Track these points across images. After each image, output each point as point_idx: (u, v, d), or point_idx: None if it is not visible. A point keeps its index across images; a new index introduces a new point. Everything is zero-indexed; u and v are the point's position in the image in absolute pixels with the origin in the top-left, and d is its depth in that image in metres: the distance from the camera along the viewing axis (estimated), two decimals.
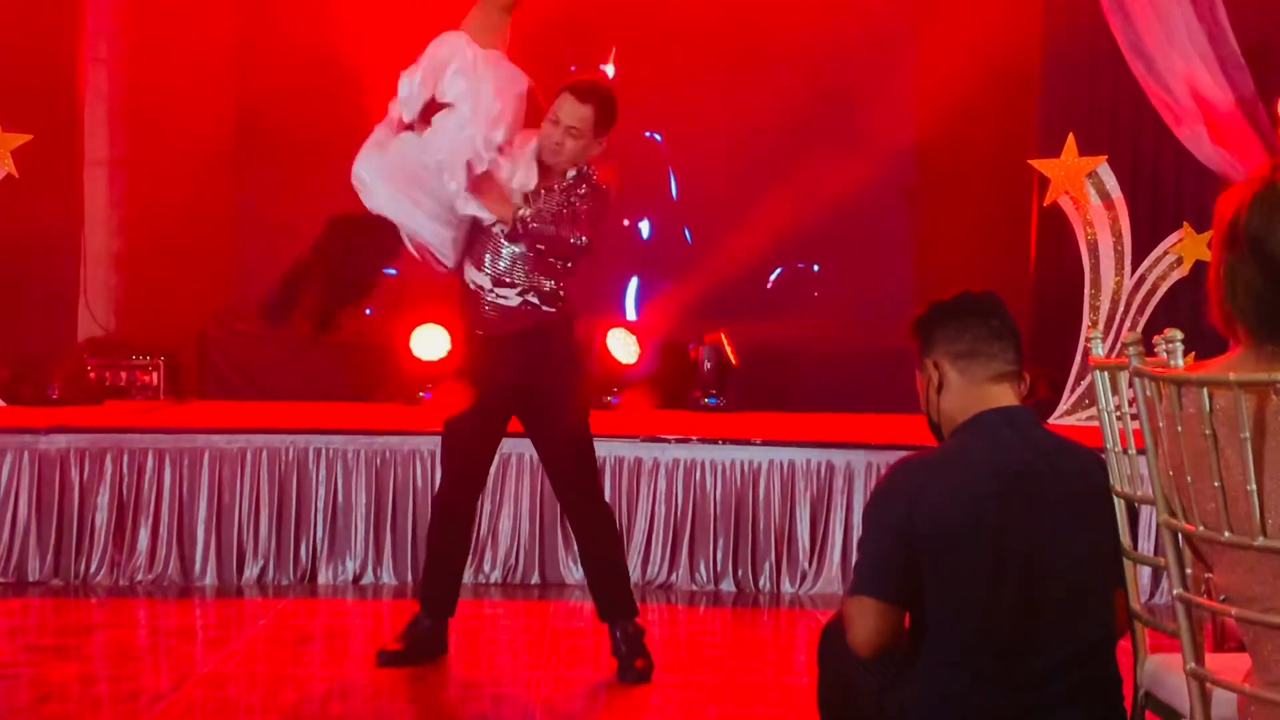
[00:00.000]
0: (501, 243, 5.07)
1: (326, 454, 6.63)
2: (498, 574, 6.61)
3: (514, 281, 5.08)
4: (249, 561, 6.56)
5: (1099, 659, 3.08)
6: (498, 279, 5.09)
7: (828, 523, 6.61)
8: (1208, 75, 7.59)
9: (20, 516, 6.47)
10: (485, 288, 5.10)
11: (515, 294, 5.08)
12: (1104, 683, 3.08)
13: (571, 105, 5.00)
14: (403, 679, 5.09)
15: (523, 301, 5.09)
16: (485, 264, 5.10)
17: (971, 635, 3.03)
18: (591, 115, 5.01)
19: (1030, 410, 3.25)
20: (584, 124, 5.01)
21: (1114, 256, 7.66)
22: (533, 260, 5.06)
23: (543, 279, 5.09)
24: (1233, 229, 2.40)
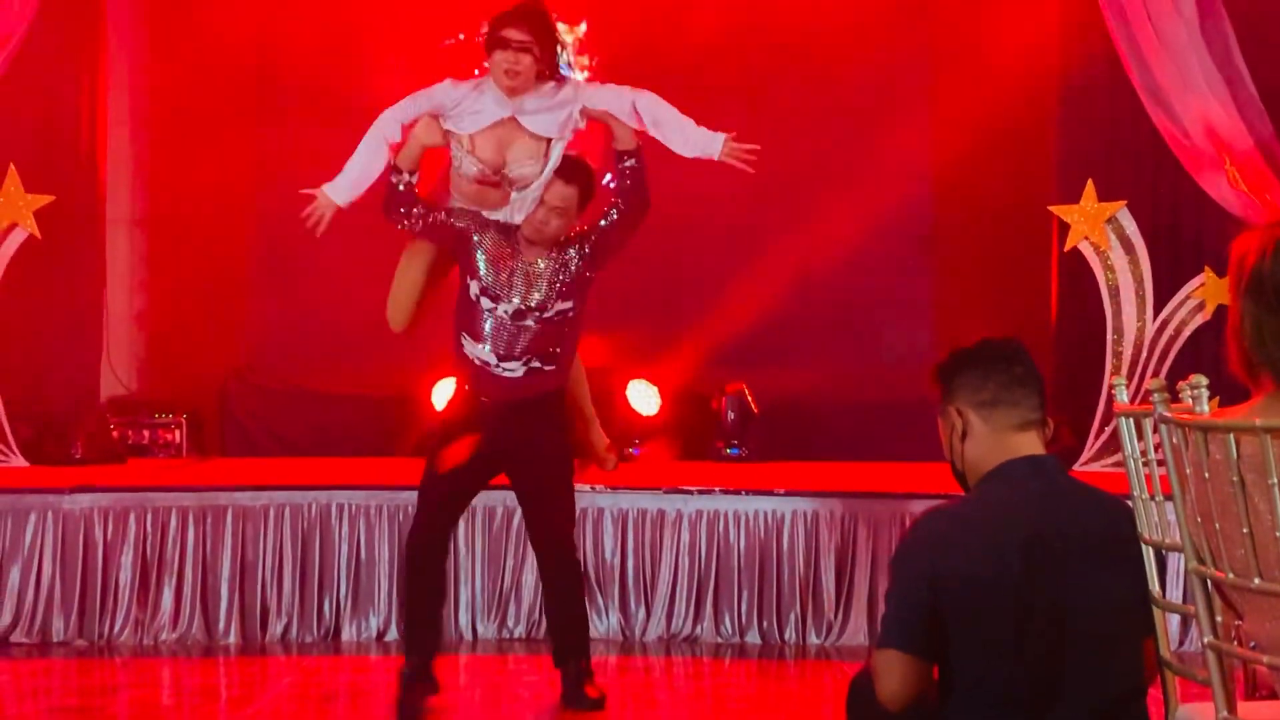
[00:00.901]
0: (505, 320, 5.17)
1: (349, 509, 6.63)
2: (521, 629, 6.58)
3: (519, 355, 5.20)
4: (273, 619, 6.55)
5: (1129, 709, 3.05)
6: (503, 355, 5.20)
7: (853, 573, 6.57)
8: (1225, 118, 7.59)
9: (44, 577, 6.48)
10: (491, 363, 5.21)
11: (520, 365, 5.21)
12: None
13: (558, 186, 5.13)
14: None
15: (527, 370, 5.22)
16: (486, 338, 5.20)
17: (1000, 687, 3.01)
18: (577, 195, 5.16)
19: (1056, 458, 3.24)
20: (569, 203, 5.15)
21: (1136, 301, 7.64)
22: (537, 334, 5.19)
23: (546, 346, 5.22)
24: (1257, 278, 2.39)
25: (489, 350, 5.20)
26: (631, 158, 5.26)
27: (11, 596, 6.46)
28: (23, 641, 6.40)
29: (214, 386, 8.74)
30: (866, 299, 8.99)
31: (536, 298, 5.18)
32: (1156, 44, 7.62)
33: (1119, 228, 7.67)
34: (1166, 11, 7.64)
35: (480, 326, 5.21)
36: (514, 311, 5.17)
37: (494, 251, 5.20)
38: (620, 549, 6.62)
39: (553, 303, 5.19)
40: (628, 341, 8.61)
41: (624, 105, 5.29)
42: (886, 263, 8.98)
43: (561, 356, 5.28)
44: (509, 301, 5.18)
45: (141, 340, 9.18)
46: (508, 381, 5.21)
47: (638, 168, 5.27)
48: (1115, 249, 7.66)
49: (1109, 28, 7.65)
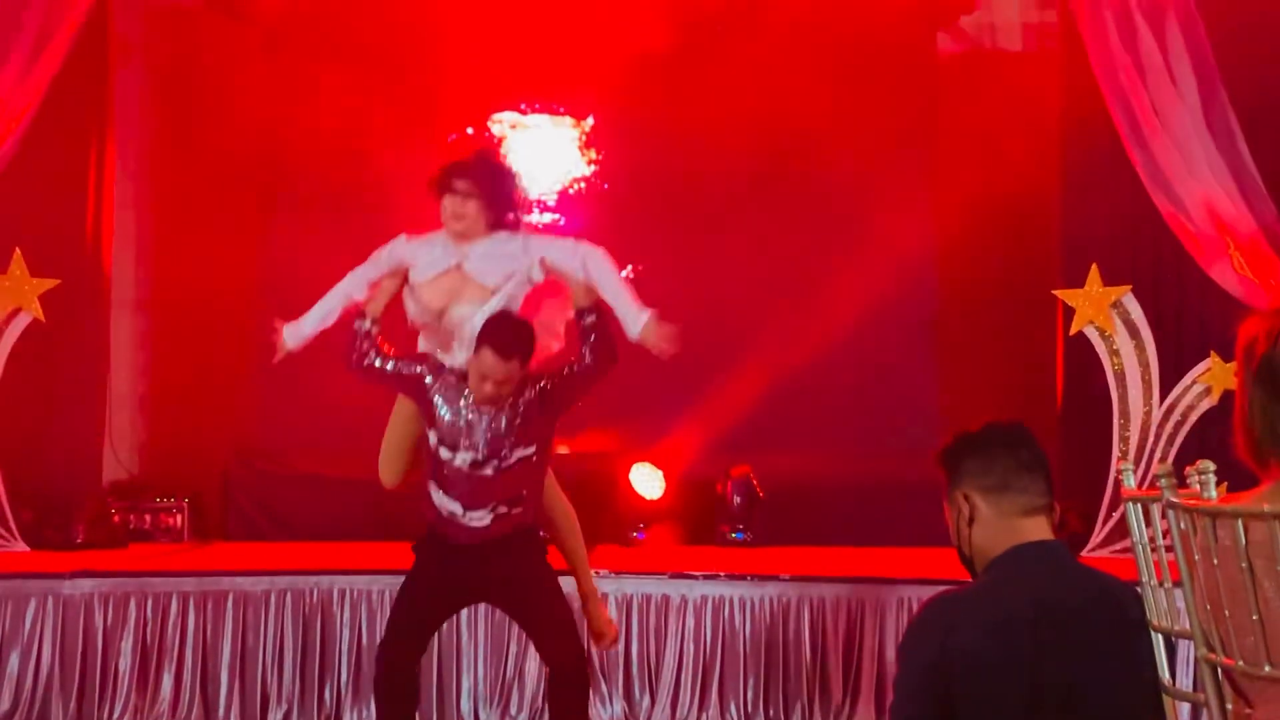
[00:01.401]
0: (463, 470, 5.12)
1: (351, 595, 6.61)
2: (524, 716, 6.54)
3: (485, 503, 5.15)
4: (273, 706, 6.52)
5: None
6: (469, 505, 5.15)
7: (860, 660, 6.54)
8: (1229, 202, 7.63)
9: (44, 662, 6.46)
10: (458, 513, 5.16)
11: (488, 513, 5.16)
12: None
13: (493, 361, 4.98)
14: None
15: (495, 517, 5.17)
16: (448, 488, 5.16)
17: None
18: (517, 367, 5.04)
19: (1064, 544, 3.23)
20: (511, 374, 5.02)
21: (1142, 386, 7.64)
22: (498, 483, 5.14)
23: (510, 492, 5.17)
24: (1267, 367, 2.40)
25: (454, 500, 5.15)
26: (590, 314, 5.17)
27: (11, 682, 6.44)
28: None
29: (216, 470, 8.74)
30: (871, 383, 8.99)
31: (494, 448, 5.10)
32: (1159, 128, 7.67)
33: (1124, 312, 7.69)
34: (1169, 96, 7.71)
35: (442, 476, 5.16)
36: (471, 462, 5.09)
37: (449, 400, 5.13)
38: (624, 635, 6.59)
39: (511, 451, 5.11)
40: (632, 426, 8.62)
41: (575, 262, 5.25)
42: (890, 347, 9.00)
43: (529, 499, 5.22)
44: (465, 452, 5.10)
45: (144, 424, 9.18)
46: (476, 530, 5.17)
47: (598, 324, 5.16)
48: (1120, 333, 7.68)
49: (1111, 112, 7.71)
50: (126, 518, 8.18)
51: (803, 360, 8.70)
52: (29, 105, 7.66)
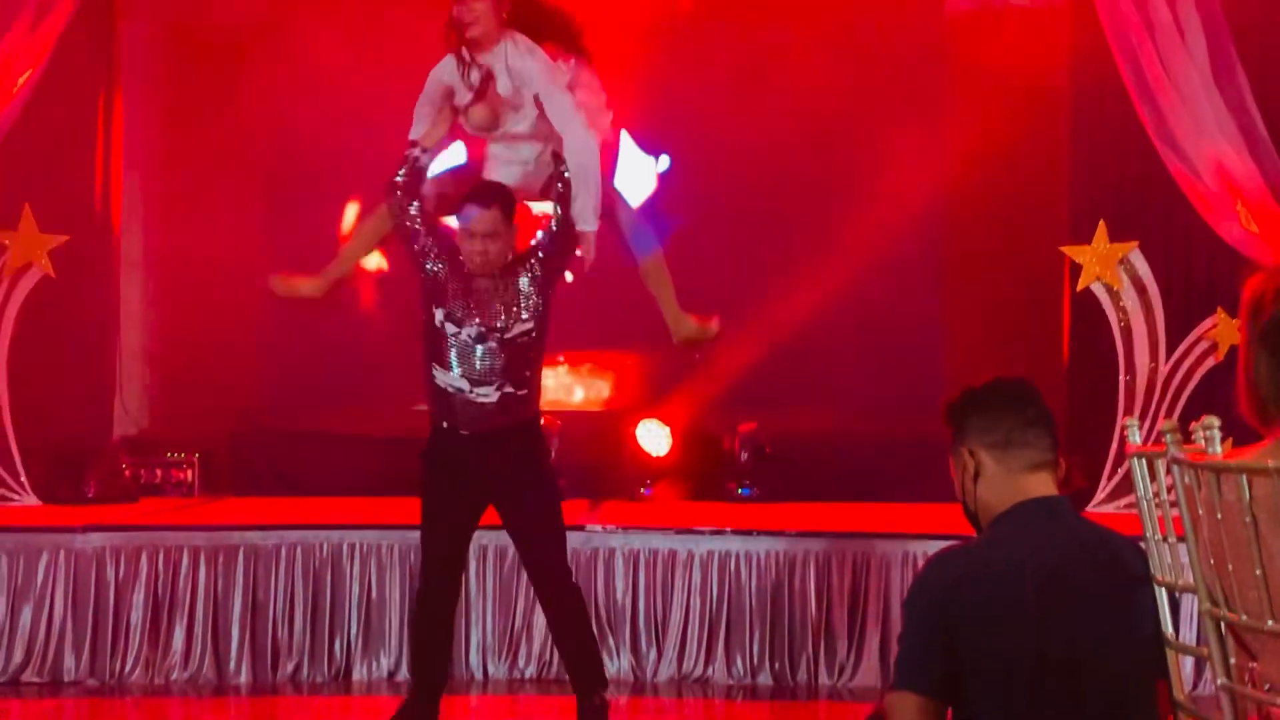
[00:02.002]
0: (469, 344, 5.23)
1: (360, 549, 6.64)
2: (532, 669, 6.58)
3: (490, 379, 5.23)
4: (283, 659, 6.55)
5: None
6: (475, 380, 5.24)
7: (865, 614, 6.56)
8: (1238, 161, 7.60)
9: (56, 616, 6.50)
10: (465, 389, 5.24)
11: (494, 390, 5.24)
12: None
13: (479, 214, 5.19)
14: None
15: (501, 396, 5.24)
16: (454, 365, 5.26)
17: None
18: (499, 214, 5.21)
19: (1068, 500, 3.24)
20: (496, 224, 5.21)
21: (1148, 342, 7.63)
22: (502, 356, 5.25)
23: (514, 369, 5.27)
24: (1274, 330, 2.40)
25: (460, 375, 5.25)
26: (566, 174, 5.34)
27: (23, 635, 6.47)
28: (34, 681, 6.41)
29: (226, 426, 8.75)
30: (878, 339, 8.99)
31: (497, 320, 5.25)
32: (1169, 87, 7.64)
33: (1131, 268, 7.67)
34: (1179, 55, 7.67)
35: (447, 353, 5.27)
36: (476, 335, 5.24)
37: (455, 277, 5.28)
38: (631, 590, 6.62)
39: (511, 324, 5.26)
40: (638, 382, 8.63)
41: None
42: (898, 303, 8.99)
43: (531, 380, 5.35)
44: (471, 325, 5.25)
45: (154, 380, 9.20)
46: (484, 410, 5.25)
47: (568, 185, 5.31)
48: (1127, 290, 7.67)
49: (1121, 70, 7.68)
50: (137, 472, 8.20)
51: (811, 317, 8.69)
52: (36, 62, 7.65)
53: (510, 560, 6.55)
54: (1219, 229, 7.63)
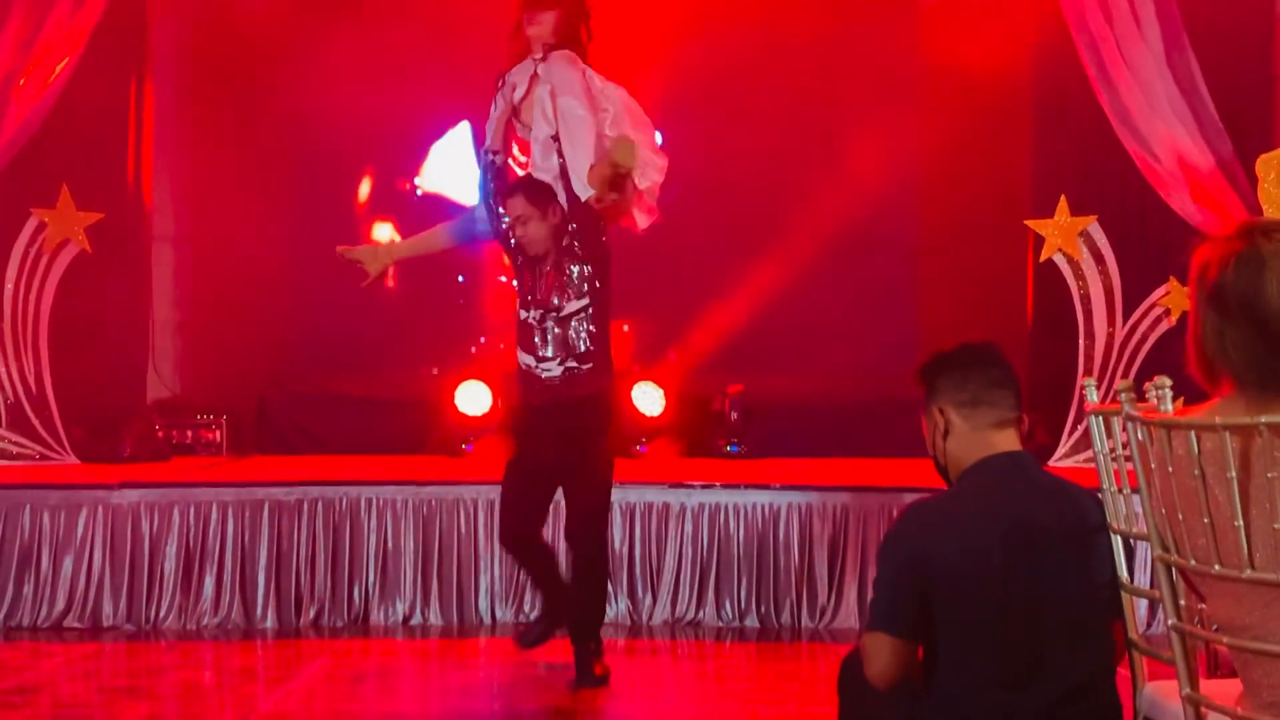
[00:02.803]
0: (533, 324, 5.39)
1: (377, 503, 6.64)
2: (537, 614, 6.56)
3: (554, 355, 5.37)
4: (306, 605, 6.55)
5: (1100, 687, 3.05)
6: (541, 357, 5.39)
7: (844, 562, 6.58)
8: (1189, 140, 7.58)
9: (95, 566, 6.50)
10: (533, 365, 5.41)
11: (558, 365, 5.37)
12: (1106, 710, 3.05)
13: (508, 202, 5.42)
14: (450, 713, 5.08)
15: (564, 371, 5.37)
16: (527, 346, 5.43)
17: (981, 668, 3.01)
18: (523, 200, 5.37)
19: (1031, 455, 3.24)
20: (523, 209, 5.35)
21: (1106, 309, 7.63)
22: (561, 334, 5.36)
23: (574, 345, 5.36)
24: (1219, 286, 2.39)
25: (529, 354, 5.41)
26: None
27: (65, 584, 6.48)
28: (75, 626, 6.42)
29: (252, 390, 8.76)
30: (856, 307, 9.00)
31: (552, 301, 5.36)
32: (1125, 71, 7.62)
33: (1090, 240, 7.67)
34: (1134, 40, 7.65)
35: (521, 335, 5.44)
36: (539, 316, 5.38)
37: (525, 268, 5.45)
38: (628, 540, 6.63)
39: (565, 304, 5.35)
40: (634, 347, 8.63)
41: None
42: (874, 274, 9.00)
43: (595, 355, 5.41)
44: (533, 309, 5.39)
45: (184, 348, 9.21)
46: (549, 384, 5.37)
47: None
48: (1086, 260, 7.66)
49: (1080, 56, 7.66)
50: (169, 433, 8.21)
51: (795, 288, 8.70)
52: (73, 51, 7.61)
53: None
54: (1171, 203, 7.63)
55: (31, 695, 5.35)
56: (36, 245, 7.58)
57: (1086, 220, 7.68)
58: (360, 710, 5.18)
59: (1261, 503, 2.31)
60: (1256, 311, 2.35)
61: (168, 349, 9.03)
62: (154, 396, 8.60)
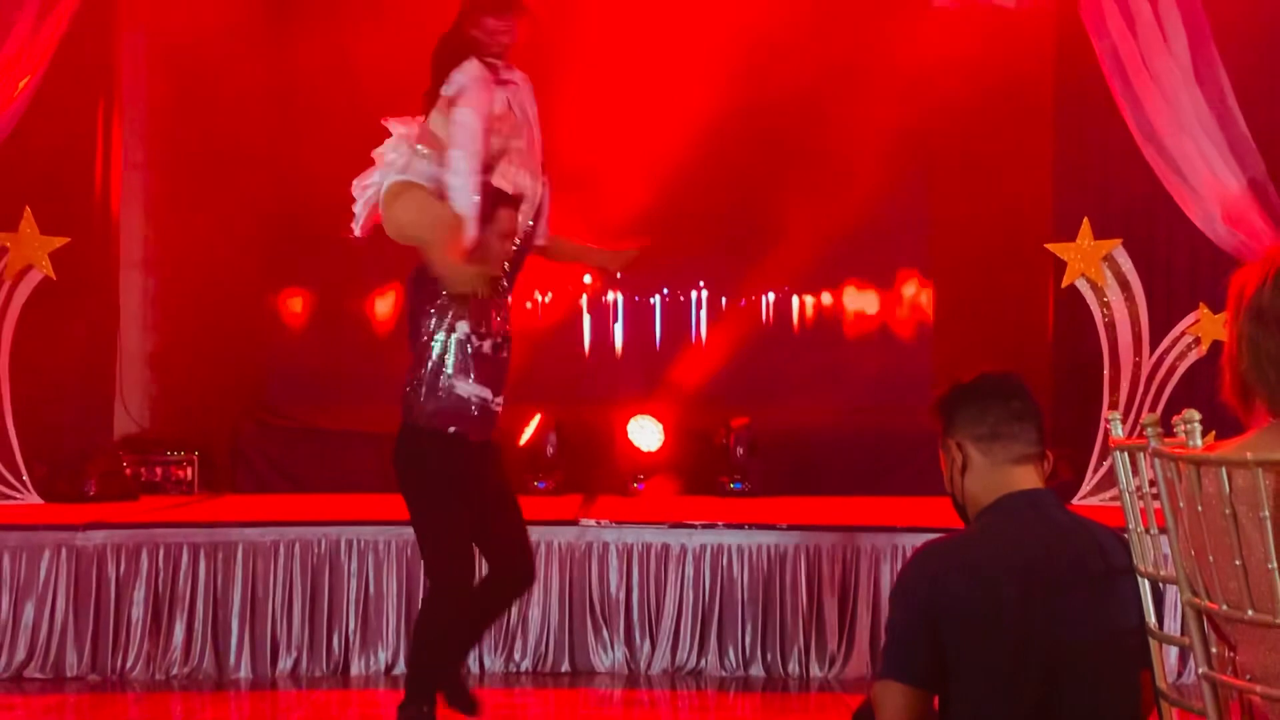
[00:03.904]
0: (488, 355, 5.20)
1: (358, 545, 6.64)
2: (528, 663, 6.58)
3: (502, 386, 5.26)
4: (283, 653, 6.55)
5: None
6: (496, 390, 5.22)
7: (855, 606, 6.57)
8: (1218, 158, 7.61)
9: (58, 612, 6.49)
10: (489, 398, 5.19)
11: (501, 398, 5.25)
12: None
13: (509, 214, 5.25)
14: None
15: (501, 401, 5.27)
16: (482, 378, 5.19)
17: (999, 717, 3.00)
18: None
19: (1053, 492, 3.24)
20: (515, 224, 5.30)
21: (1132, 338, 7.65)
22: (507, 364, 5.28)
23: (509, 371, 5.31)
24: (1256, 304, 2.41)
25: (485, 386, 5.17)
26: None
27: (26, 631, 6.47)
28: (36, 676, 6.41)
29: (225, 425, 8.76)
30: (869, 335, 9.02)
31: (502, 328, 5.26)
32: (1151, 85, 7.65)
33: (1115, 265, 7.69)
34: (1159, 52, 7.68)
35: (474, 365, 5.16)
36: (493, 346, 5.21)
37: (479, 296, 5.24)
38: (625, 583, 6.62)
39: (508, 331, 5.29)
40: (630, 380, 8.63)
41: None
42: (888, 300, 9.02)
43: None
44: (490, 338, 5.20)
45: (154, 380, 9.21)
46: (494, 416, 5.24)
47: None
48: (1111, 286, 7.68)
49: (1103, 69, 7.69)
50: (138, 471, 8.21)
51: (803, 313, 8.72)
52: (37, 68, 7.65)
53: None
54: (1200, 225, 7.65)
55: None
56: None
57: (1111, 244, 7.70)
58: None
59: None
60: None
61: (136, 381, 9.03)
62: (121, 431, 8.59)
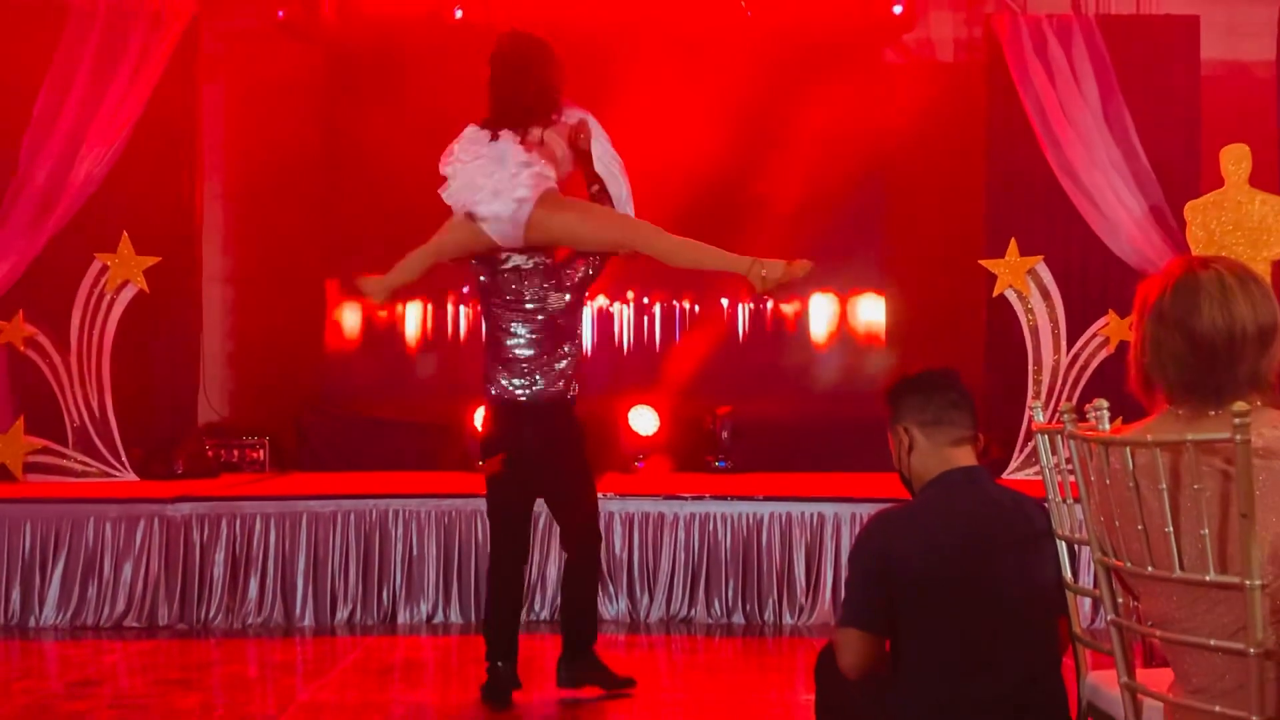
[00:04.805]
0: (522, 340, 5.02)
1: (403, 514, 6.63)
2: (546, 613, 6.57)
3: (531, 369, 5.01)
4: (340, 605, 6.54)
5: (1048, 676, 3.05)
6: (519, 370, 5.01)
7: (820, 564, 6.57)
8: (1124, 188, 7.63)
9: (151, 572, 6.49)
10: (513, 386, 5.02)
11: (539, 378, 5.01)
12: (1053, 696, 3.05)
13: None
14: (468, 703, 5.06)
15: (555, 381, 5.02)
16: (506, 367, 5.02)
17: (940, 658, 3.01)
18: None
19: (986, 469, 3.24)
20: None
21: (1051, 339, 7.65)
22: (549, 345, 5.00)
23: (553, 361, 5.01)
24: (1158, 308, 2.42)
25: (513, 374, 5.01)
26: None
27: (125, 588, 6.47)
28: (133, 625, 6.41)
29: (291, 414, 8.75)
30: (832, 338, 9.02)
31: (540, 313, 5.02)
32: (1067, 126, 7.67)
33: (1037, 278, 7.69)
34: (1074, 99, 7.71)
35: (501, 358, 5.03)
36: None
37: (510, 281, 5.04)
38: (627, 546, 6.62)
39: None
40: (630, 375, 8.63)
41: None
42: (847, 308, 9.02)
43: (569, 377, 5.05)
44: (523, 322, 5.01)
45: (231, 376, 9.22)
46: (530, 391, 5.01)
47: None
48: (1034, 295, 7.68)
49: (1027, 112, 7.71)
50: (218, 452, 8.20)
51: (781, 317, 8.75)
52: (134, 112, 7.66)
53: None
54: (1110, 244, 7.66)
55: (95, 687, 5.33)
56: (99, 286, 7.60)
57: (1034, 260, 7.70)
58: (388, 699, 5.16)
59: (1189, 511, 2.32)
60: (1189, 330, 2.37)
61: (216, 377, 9.03)
62: (204, 420, 8.59)
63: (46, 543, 6.47)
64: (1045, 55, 7.73)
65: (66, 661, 5.82)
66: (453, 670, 5.55)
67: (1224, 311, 2.36)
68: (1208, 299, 2.38)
